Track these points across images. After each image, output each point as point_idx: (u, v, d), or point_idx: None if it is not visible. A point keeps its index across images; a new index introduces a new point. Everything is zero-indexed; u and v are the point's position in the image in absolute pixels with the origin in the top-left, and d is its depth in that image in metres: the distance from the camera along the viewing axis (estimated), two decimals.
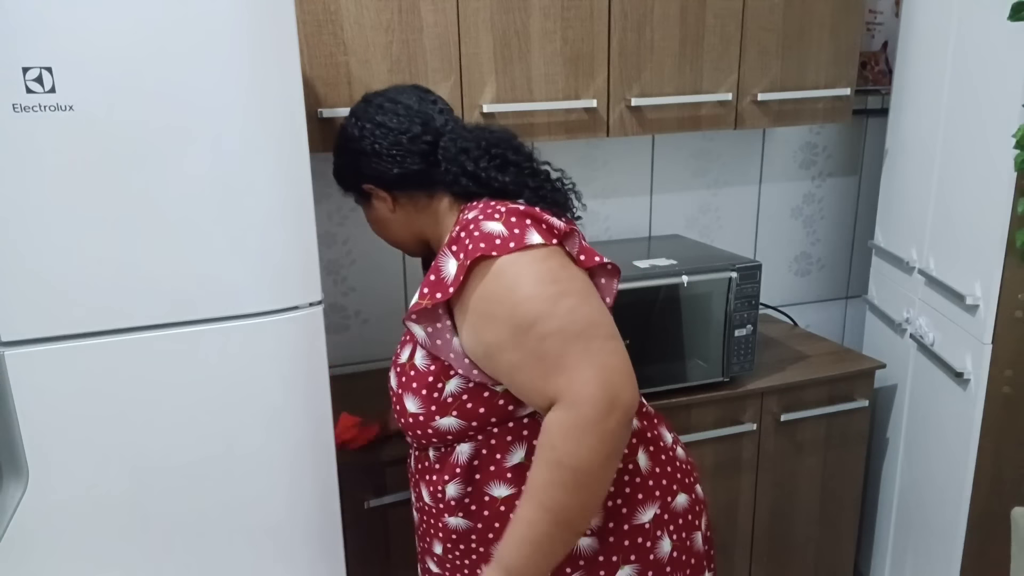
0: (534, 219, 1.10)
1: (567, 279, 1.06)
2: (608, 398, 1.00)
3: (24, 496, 1.21)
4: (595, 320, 1.05)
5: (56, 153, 1.11)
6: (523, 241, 1.06)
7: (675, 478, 1.25)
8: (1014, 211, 1.67)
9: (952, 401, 1.90)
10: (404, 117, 1.23)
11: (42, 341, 1.17)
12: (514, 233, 1.07)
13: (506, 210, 1.11)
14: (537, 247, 1.07)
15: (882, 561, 2.27)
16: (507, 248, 1.06)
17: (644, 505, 1.20)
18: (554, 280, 1.05)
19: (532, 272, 1.05)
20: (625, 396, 1.02)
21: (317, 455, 1.39)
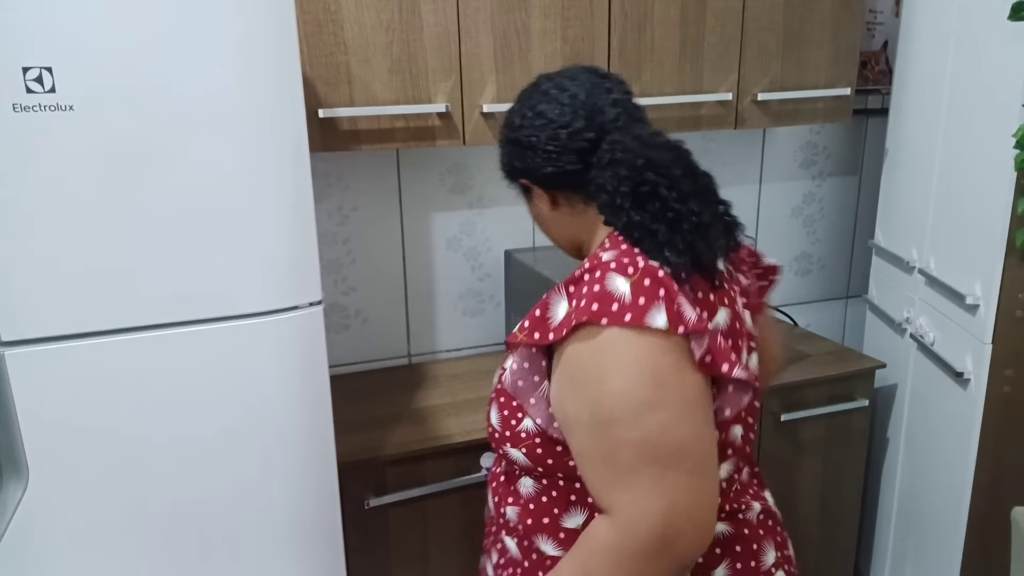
0: (668, 294, 0.91)
1: (673, 387, 0.90)
2: (662, 541, 0.88)
3: (24, 496, 1.21)
4: (685, 448, 0.89)
5: (56, 153, 1.11)
6: (642, 319, 0.89)
7: None
8: (1014, 211, 1.67)
9: (952, 401, 1.90)
10: (568, 108, 1.04)
11: (42, 341, 1.17)
12: (638, 304, 0.90)
13: (642, 269, 0.93)
14: (655, 333, 0.89)
15: (882, 561, 2.27)
16: (621, 320, 0.90)
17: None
18: (656, 384, 0.89)
19: (634, 364, 0.89)
20: (684, 544, 0.89)
21: (317, 455, 1.39)
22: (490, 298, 2.17)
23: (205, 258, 1.22)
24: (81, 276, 1.17)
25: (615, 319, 0.90)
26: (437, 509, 1.71)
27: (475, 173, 2.08)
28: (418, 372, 2.07)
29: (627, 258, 0.95)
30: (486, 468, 1.71)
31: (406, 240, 2.06)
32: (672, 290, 0.92)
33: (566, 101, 1.05)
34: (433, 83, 1.68)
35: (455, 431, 1.72)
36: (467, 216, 2.10)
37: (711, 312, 0.98)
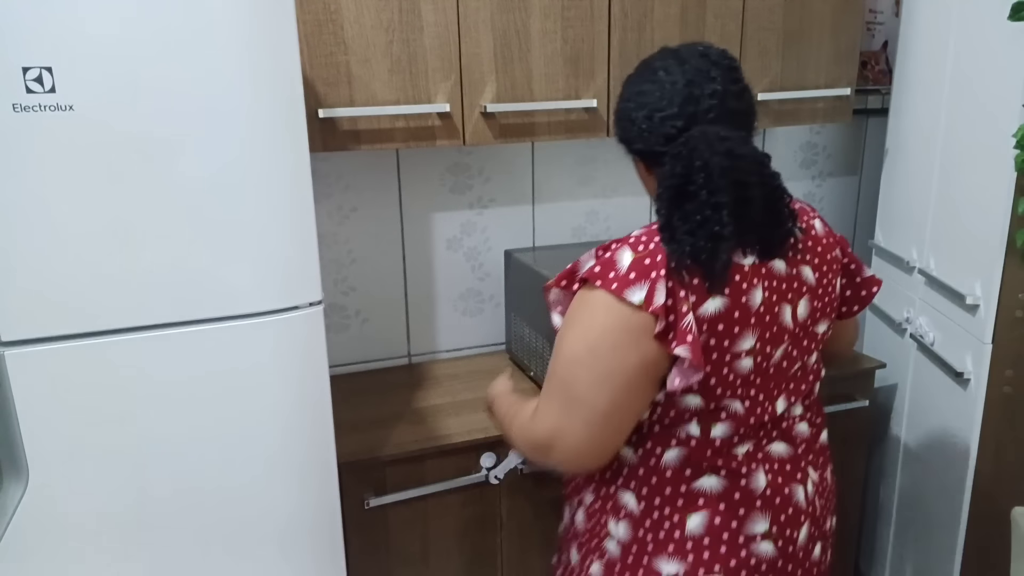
0: (657, 276, 1.08)
1: (604, 358, 1.11)
2: (543, 446, 1.17)
3: (24, 496, 1.21)
4: (588, 403, 1.12)
5: (56, 153, 1.11)
6: (622, 292, 1.08)
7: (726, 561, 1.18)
8: (1014, 211, 1.67)
9: (952, 401, 1.90)
10: (667, 93, 1.14)
11: (42, 341, 1.17)
12: (628, 277, 1.08)
13: (651, 250, 1.10)
14: (628, 306, 1.08)
15: (882, 561, 2.27)
16: (608, 286, 1.09)
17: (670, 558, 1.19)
18: (599, 346, 1.11)
19: (593, 325, 1.11)
20: (556, 456, 1.17)
21: (317, 455, 1.39)
22: (490, 298, 2.17)
23: (205, 258, 1.22)
24: (81, 276, 1.17)
25: (605, 284, 1.10)
26: (437, 509, 1.71)
27: (475, 173, 2.08)
28: (418, 372, 2.07)
29: (647, 235, 1.12)
30: (486, 468, 1.71)
31: (406, 240, 2.06)
32: (661, 273, 1.08)
33: (667, 86, 1.15)
34: (433, 83, 1.68)
35: (455, 431, 1.72)
36: (467, 216, 2.10)
37: (699, 299, 1.09)
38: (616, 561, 1.23)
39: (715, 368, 1.13)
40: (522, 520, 1.79)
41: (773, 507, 1.21)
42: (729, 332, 1.12)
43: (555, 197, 2.17)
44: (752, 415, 1.19)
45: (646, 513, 1.20)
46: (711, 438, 1.18)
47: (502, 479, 1.72)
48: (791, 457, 1.25)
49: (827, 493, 1.32)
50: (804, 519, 1.24)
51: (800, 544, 1.24)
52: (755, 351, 1.15)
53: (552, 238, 2.19)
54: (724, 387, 1.15)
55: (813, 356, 1.27)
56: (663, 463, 1.19)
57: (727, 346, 1.12)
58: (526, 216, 2.16)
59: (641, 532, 1.20)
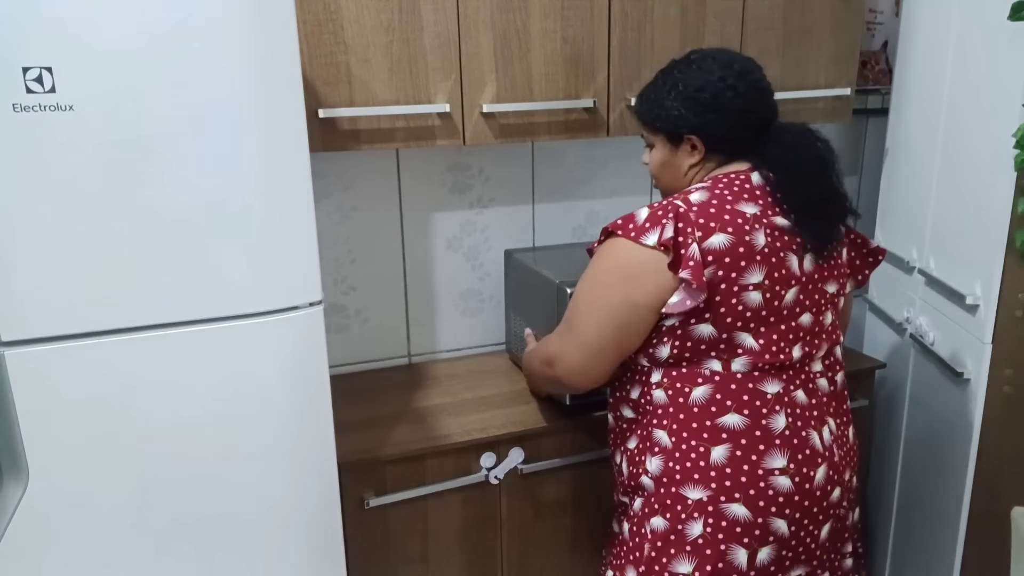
0: (668, 219, 1.28)
1: (606, 295, 1.34)
2: (550, 362, 1.46)
3: (24, 496, 1.21)
4: (583, 332, 1.37)
5: (56, 153, 1.11)
6: (640, 238, 1.29)
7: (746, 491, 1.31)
8: (1014, 211, 1.67)
9: (952, 401, 1.90)
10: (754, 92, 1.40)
11: (42, 341, 1.18)
12: (644, 226, 1.29)
13: (663, 204, 1.32)
14: (644, 247, 1.29)
15: (882, 561, 2.27)
16: (628, 234, 1.31)
17: (695, 485, 1.33)
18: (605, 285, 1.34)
19: (616, 262, 1.33)
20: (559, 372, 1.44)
21: (317, 455, 1.39)
22: (490, 298, 2.17)
23: (205, 258, 1.22)
24: (81, 276, 1.17)
25: (625, 233, 1.31)
26: (437, 509, 1.71)
27: (475, 173, 2.08)
28: (418, 372, 2.07)
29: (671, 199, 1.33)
30: (486, 468, 1.71)
31: (406, 240, 2.06)
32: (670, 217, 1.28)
33: (751, 81, 1.37)
34: (433, 83, 1.68)
35: (455, 431, 1.72)
36: (467, 216, 2.10)
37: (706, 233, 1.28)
38: (652, 493, 1.36)
39: (724, 297, 1.29)
40: (522, 520, 1.79)
41: (791, 446, 1.33)
42: (736, 265, 1.28)
43: (555, 197, 2.17)
44: (767, 352, 1.33)
45: (676, 446, 1.33)
46: (732, 372, 1.32)
47: (502, 479, 1.72)
48: (810, 405, 1.37)
49: (847, 447, 1.44)
50: (821, 461, 1.36)
51: (818, 483, 1.35)
52: (763, 287, 1.30)
53: (552, 238, 2.19)
54: (734, 317, 1.30)
55: (828, 316, 1.41)
56: (691, 400, 1.33)
57: (734, 277, 1.29)
58: (526, 216, 2.16)
59: (672, 463, 1.34)
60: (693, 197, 1.32)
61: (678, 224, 1.27)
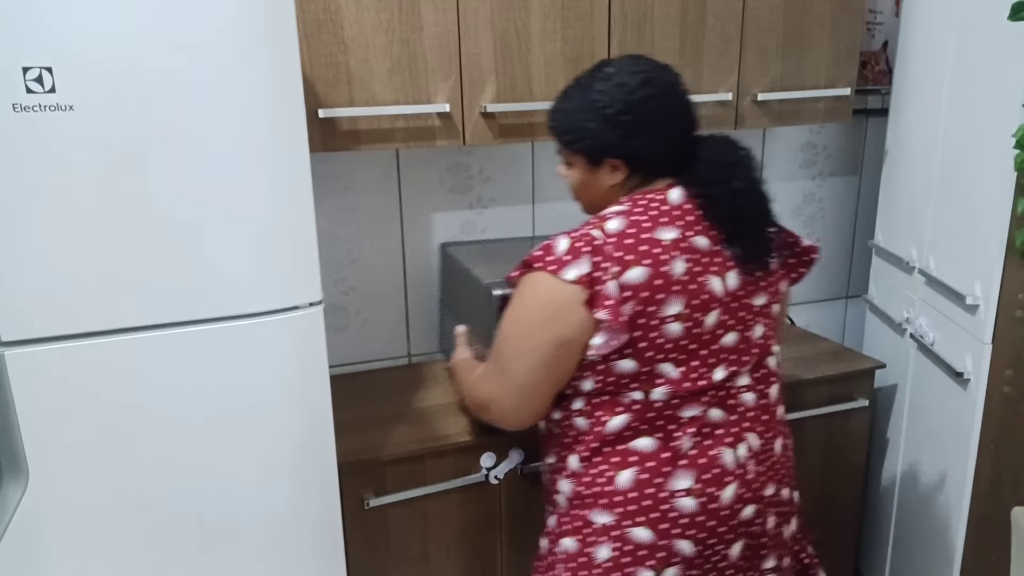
0: (585, 252, 1.24)
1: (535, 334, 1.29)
2: (483, 406, 1.42)
3: (24, 496, 1.21)
4: (511, 372, 1.32)
5: (56, 153, 1.11)
6: (559, 272, 1.24)
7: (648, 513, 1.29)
8: (1014, 211, 1.67)
9: (952, 401, 1.90)
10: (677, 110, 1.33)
11: (42, 341, 1.18)
12: (563, 259, 1.25)
13: (582, 233, 1.27)
14: (563, 282, 1.24)
15: (882, 561, 2.27)
16: (547, 267, 1.26)
17: (602, 510, 1.31)
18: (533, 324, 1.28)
19: (532, 303, 1.29)
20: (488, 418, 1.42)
21: (317, 455, 1.39)
22: None
23: (205, 258, 1.22)
24: (81, 276, 1.17)
25: (543, 267, 1.26)
26: (437, 509, 1.71)
27: (475, 173, 2.08)
28: (418, 372, 2.07)
29: (581, 228, 1.28)
30: (486, 468, 1.71)
31: (406, 240, 2.06)
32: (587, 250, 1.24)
33: (675, 97, 1.32)
34: (433, 83, 1.68)
35: (455, 431, 1.72)
36: (467, 216, 2.10)
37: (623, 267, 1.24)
38: (564, 512, 1.37)
39: (644, 331, 1.26)
40: (522, 520, 1.78)
41: (697, 466, 1.31)
42: (654, 298, 1.25)
43: (555, 197, 2.17)
44: (687, 380, 1.30)
45: (585, 471, 1.33)
46: (651, 401, 1.29)
47: (502, 479, 1.72)
48: (726, 422, 1.34)
49: (771, 462, 1.40)
50: (731, 479, 1.33)
51: (725, 502, 1.32)
52: (682, 316, 1.27)
53: None
54: (655, 350, 1.27)
55: (758, 330, 1.37)
56: (607, 428, 1.31)
57: (653, 311, 1.25)
58: (526, 216, 2.16)
59: (580, 487, 1.33)
60: (610, 226, 1.26)
61: (595, 258, 1.24)
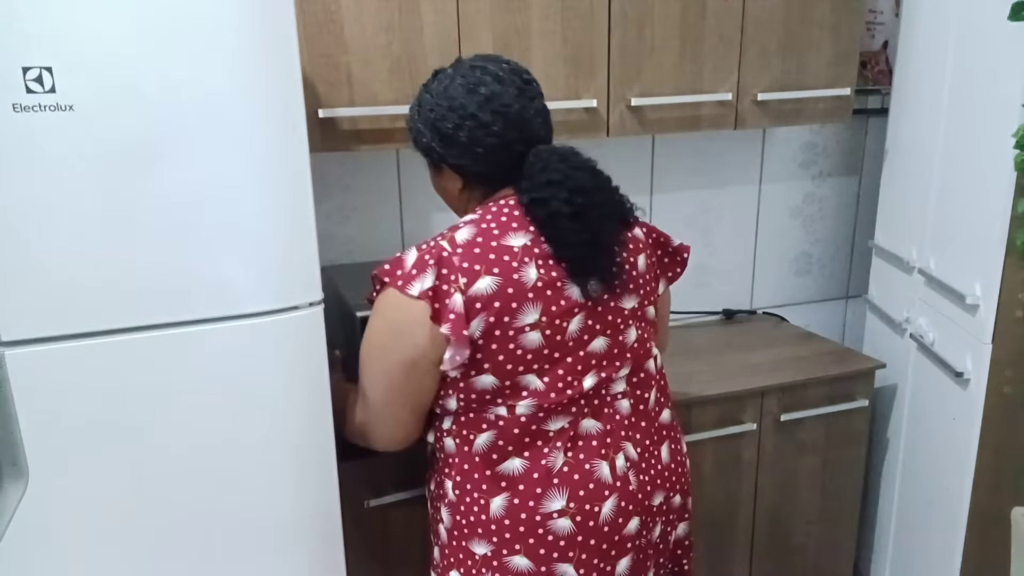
0: (431, 264, 1.20)
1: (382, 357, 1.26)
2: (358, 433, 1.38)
3: (24, 496, 1.21)
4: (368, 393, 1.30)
5: (56, 153, 1.11)
6: (406, 287, 1.20)
7: (524, 540, 1.25)
8: (1014, 211, 1.67)
9: (952, 401, 1.90)
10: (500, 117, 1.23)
11: (42, 341, 1.17)
12: (410, 273, 1.21)
13: (431, 245, 1.23)
14: (409, 298, 1.20)
15: (882, 561, 2.27)
16: (395, 283, 1.22)
17: (479, 540, 1.28)
18: (380, 347, 1.26)
19: (379, 325, 1.26)
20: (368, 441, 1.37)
21: (317, 455, 1.39)
22: None
23: (205, 258, 1.22)
24: (81, 276, 1.17)
25: (392, 282, 1.22)
26: None
27: None
28: None
29: (437, 239, 1.24)
30: None
31: (406, 240, 2.06)
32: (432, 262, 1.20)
33: (499, 109, 1.22)
34: None
35: None
36: None
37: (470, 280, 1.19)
38: (446, 544, 1.34)
39: (500, 344, 1.21)
40: None
41: (571, 483, 1.26)
42: (507, 308, 1.20)
43: None
44: (554, 391, 1.25)
45: (460, 499, 1.29)
46: (517, 415, 1.24)
47: None
48: (600, 433, 1.29)
49: (657, 469, 1.35)
50: (609, 493, 1.28)
51: (605, 518, 1.27)
52: (540, 324, 1.22)
53: None
54: (514, 362, 1.22)
55: (631, 333, 1.32)
56: (474, 449, 1.27)
57: (507, 321, 1.20)
58: None
59: (458, 517, 1.30)
60: (459, 235, 1.22)
61: (441, 270, 1.19)
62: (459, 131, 1.23)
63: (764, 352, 2.14)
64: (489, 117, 1.21)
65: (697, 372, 2.01)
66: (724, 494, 2.00)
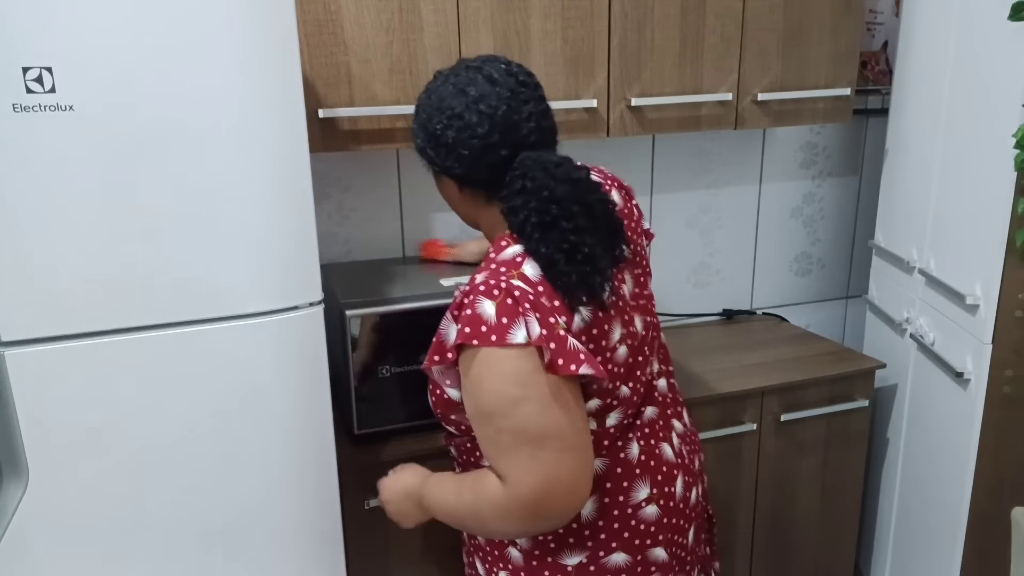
0: (524, 311, 1.09)
1: (534, 384, 1.09)
2: (538, 505, 1.10)
3: (24, 496, 1.21)
4: (551, 431, 1.09)
5: (56, 153, 1.11)
6: (504, 339, 1.08)
7: (620, 536, 1.24)
8: (1014, 211, 1.67)
9: (952, 401, 1.91)
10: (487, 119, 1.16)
11: (42, 341, 1.17)
12: (501, 323, 1.09)
13: (504, 289, 1.10)
14: (515, 347, 1.08)
15: (882, 561, 2.27)
16: (488, 341, 1.09)
17: (571, 550, 1.23)
18: (521, 384, 1.09)
19: (501, 371, 1.09)
20: (557, 506, 1.12)
21: (317, 455, 1.39)
22: None
23: (205, 258, 1.22)
24: (81, 276, 1.17)
25: (483, 341, 1.09)
26: None
27: None
28: None
29: (494, 279, 1.12)
30: None
31: (406, 240, 2.06)
32: (526, 307, 1.09)
33: (485, 111, 1.15)
34: None
35: None
36: None
37: (568, 316, 1.14)
38: (522, 567, 1.26)
39: (604, 367, 1.19)
40: None
41: (649, 470, 1.26)
42: (602, 333, 1.19)
43: None
44: (636, 394, 1.27)
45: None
46: (607, 427, 1.23)
47: None
48: (657, 417, 1.31)
49: (690, 436, 1.39)
50: (677, 471, 1.30)
51: (678, 496, 1.30)
52: (624, 336, 1.23)
53: None
54: (613, 379, 1.22)
55: (648, 306, 1.33)
56: None
57: (604, 345, 1.19)
58: None
59: (539, 537, 1.23)
60: (529, 272, 1.13)
61: (536, 316, 1.09)
62: (446, 132, 1.17)
63: (764, 352, 2.14)
64: (475, 118, 1.15)
65: (697, 372, 2.01)
66: (724, 494, 2.00)
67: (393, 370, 1.63)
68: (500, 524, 1.15)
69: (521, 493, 1.10)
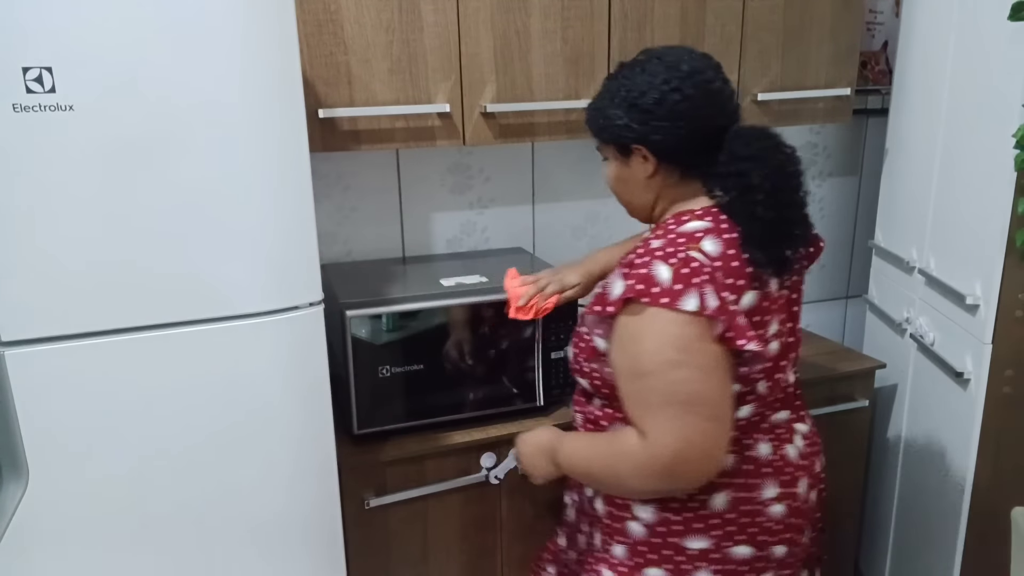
0: (700, 283, 1.13)
1: (696, 352, 1.13)
2: (674, 467, 1.15)
3: (24, 496, 1.21)
4: (703, 398, 1.14)
5: (56, 153, 1.11)
6: (675, 303, 1.12)
7: (747, 530, 1.27)
8: (1014, 211, 1.67)
9: (952, 401, 1.90)
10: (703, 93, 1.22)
11: (42, 341, 1.17)
12: (674, 289, 1.12)
13: (682, 259, 1.15)
14: (684, 314, 1.12)
15: (882, 561, 2.27)
16: (658, 302, 1.13)
17: (697, 535, 1.26)
18: (682, 348, 1.13)
19: (665, 333, 1.13)
20: (691, 472, 1.17)
21: (317, 455, 1.39)
22: None
23: (205, 258, 1.22)
24: (81, 276, 1.17)
25: (654, 300, 1.13)
26: (437, 509, 1.71)
27: (475, 173, 2.08)
28: None
29: (672, 247, 1.17)
30: (486, 468, 1.71)
31: (406, 240, 2.06)
32: (703, 279, 1.13)
33: (701, 83, 1.21)
34: (433, 83, 1.68)
35: (455, 431, 1.72)
36: (467, 216, 2.10)
37: (738, 294, 1.17)
38: (642, 542, 1.28)
39: (755, 355, 1.21)
40: (522, 520, 1.79)
41: (777, 470, 1.29)
42: (761, 321, 1.22)
43: (555, 197, 2.17)
44: (772, 393, 1.29)
45: (672, 496, 1.25)
46: (737, 419, 1.24)
47: (502, 479, 1.72)
48: (787, 419, 1.34)
49: (813, 437, 1.40)
50: (801, 473, 1.33)
51: (802, 497, 1.32)
52: (779, 333, 1.25)
53: (552, 238, 2.19)
54: (758, 372, 1.24)
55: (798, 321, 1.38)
56: None
57: (761, 334, 1.22)
58: (526, 216, 2.16)
59: (668, 513, 1.26)
60: (709, 247, 1.17)
61: (712, 288, 1.14)
62: (660, 105, 1.20)
63: None
64: (692, 91, 1.20)
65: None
66: None
67: (393, 370, 1.63)
68: (634, 480, 1.20)
69: (659, 452, 1.15)
